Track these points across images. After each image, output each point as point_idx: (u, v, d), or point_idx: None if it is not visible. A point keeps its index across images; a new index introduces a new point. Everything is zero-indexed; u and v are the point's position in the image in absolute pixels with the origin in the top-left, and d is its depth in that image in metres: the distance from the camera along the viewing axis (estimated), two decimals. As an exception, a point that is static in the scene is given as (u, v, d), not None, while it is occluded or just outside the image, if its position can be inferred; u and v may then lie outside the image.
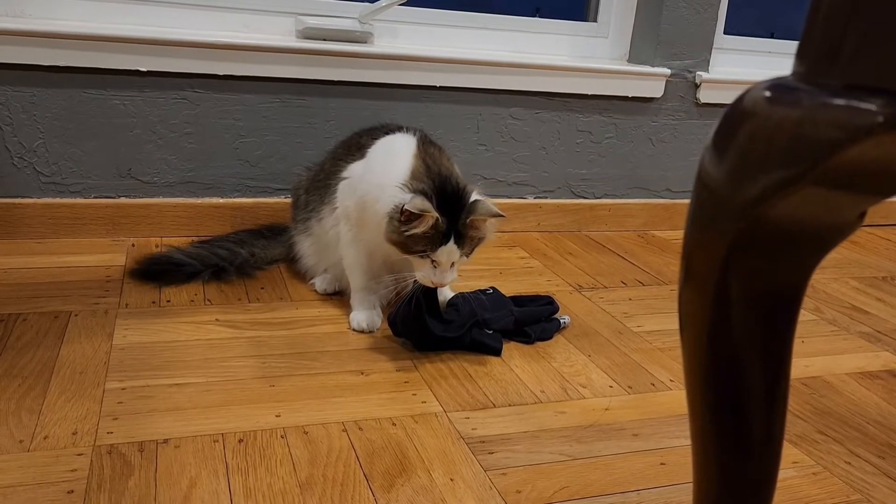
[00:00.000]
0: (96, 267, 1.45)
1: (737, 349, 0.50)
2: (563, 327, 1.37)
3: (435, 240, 1.13)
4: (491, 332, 1.27)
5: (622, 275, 1.70)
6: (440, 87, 1.80)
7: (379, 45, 1.78)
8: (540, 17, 1.97)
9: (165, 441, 0.93)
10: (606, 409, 1.11)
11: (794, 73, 0.48)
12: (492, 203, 1.19)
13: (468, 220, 1.14)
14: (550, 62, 1.88)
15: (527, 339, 1.31)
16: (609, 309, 1.50)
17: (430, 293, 1.20)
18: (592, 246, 1.89)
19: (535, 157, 1.93)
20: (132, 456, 0.90)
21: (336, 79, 1.71)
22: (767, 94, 0.49)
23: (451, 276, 1.18)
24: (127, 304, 1.31)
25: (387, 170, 1.21)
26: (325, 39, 1.73)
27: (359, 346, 1.24)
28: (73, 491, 0.83)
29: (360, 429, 1.00)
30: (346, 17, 1.76)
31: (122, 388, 1.04)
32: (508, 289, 1.54)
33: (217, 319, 1.28)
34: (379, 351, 1.23)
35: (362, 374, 1.15)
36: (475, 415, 1.06)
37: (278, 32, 1.74)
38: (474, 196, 1.18)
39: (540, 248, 1.84)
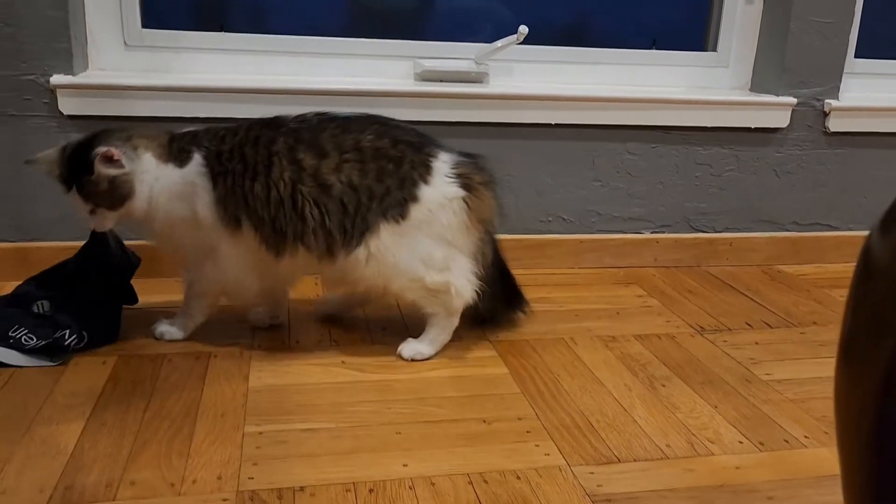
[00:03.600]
0: (228, 306, 1.54)
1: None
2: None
3: (63, 185, 1.23)
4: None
5: (747, 315, 1.64)
6: (555, 124, 1.80)
7: (494, 85, 1.81)
8: (656, 48, 1.94)
9: (302, 489, 0.98)
10: (737, 468, 1.08)
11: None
12: (114, 150, 1.20)
13: (82, 177, 1.21)
14: (668, 95, 1.85)
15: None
16: (734, 354, 1.45)
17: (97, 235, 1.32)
18: (713, 283, 1.84)
19: (652, 192, 1.90)
20: (272, 503, 0.94)
21: (453, 120, 1.75)
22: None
23: (96, 221, 1.25)
24: (259, 345, 1.38)
25: None
26: (442, 81, 1.77)
27: (480, 391, 1.26)
28: (221, 537, 0.88)
29: (485, 482, 1.01)
30: (463, 59, 1.80)
31: (260, 433, 1.10)
32: (625, 331, 1.52)
33: (343, 362, 1.33)
34: (500, 398, 1.24)
35: (485, 422, 1.16)
36: (599, 470, 1.06)
37: (398, 76, 1.79)
38: (101, 148, 1.20)
39: (657, 286, 1.80)
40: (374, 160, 1.24)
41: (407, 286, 1.30)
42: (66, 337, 1.27)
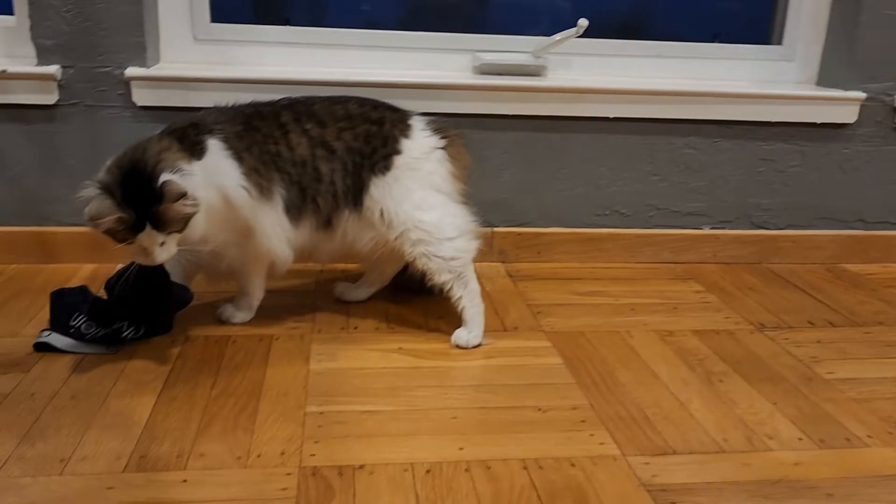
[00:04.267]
0: (290, 291, 1.59)
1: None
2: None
3: (130, 230, 1.15)
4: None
5: (809, 313, 1.61)
6: (613, 118, 1.79)
7: (552, 79, 1.81)
8: (719, 42, 1.91)
9: (361, 467, 1.00)
10: (796, 464, 1.06)
11: None
12: (179, 180, 1.16)
13: (157, 209, 1.14)
14: (731, 89, 1.82)
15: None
16: (795, 352, 1.42)
17: (156, 270, 1.25)
18: (774, 280, 1.80)
19: (713, 187, 1.87)
20: (333, 479, 0.98)
21: (511, 113, 1.76)
22: None
23: (165, 254, 1.19)
24: (320, 330, 1.42)
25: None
26: (500, 74, 1.78)
27: (534, 380, 1.27)
28: (284, 509, 0.92)
29: (539, 468, 1.02)
30: (522, 52, 1.80)
31: (321, 413, 1.13)
32: (683, 325, 1.51)
33: (401, 348, 1.36)
34: (554, 387, 1.25)
35: (539, 410, 1.17)
36: (655, 460, 1.05)
37: (456, 69, 1.81)
38: (164, 177, 1.15)
39: (716, 282, 1.78)
40: (362, 124, 1.36)
41: (405, 236, 1.35)
42: (125, 329, 1.31)
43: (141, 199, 1.15)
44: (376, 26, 1.79)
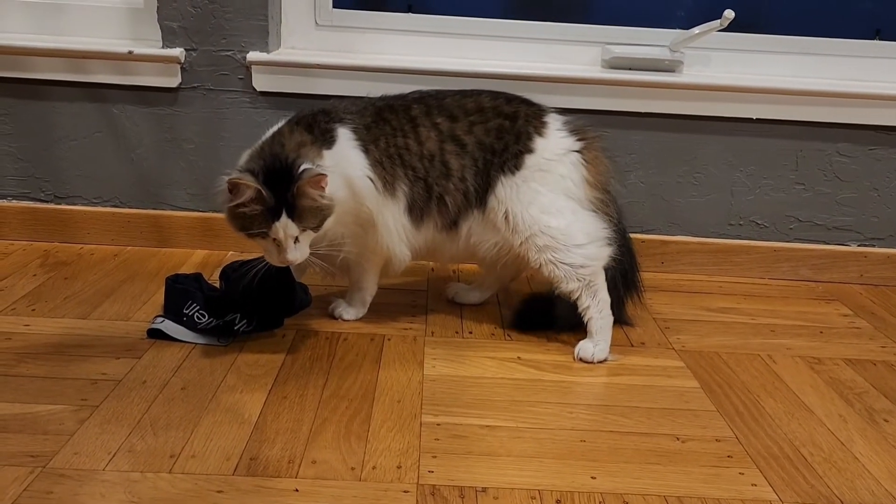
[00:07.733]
0: (402, 290, 1.52)
1: None
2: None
3: (267, 216, 1.10)
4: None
5: (981, 348, 1.41)
6: (756, 119, 1.64)
7: (689, 75, 1.67)
8: (880, 39, 1.72)
9: (484, 490, 0.91)
10: None
11: None
12: (319, 168, 1.12)
13: (294, 190, 1.09)
14: (891, 91, 1.63)
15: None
16: (971, 392, 1.24)
17: (283, 272, 1.20)
18: (934, 307, 1.61)
19: (864, 200, 1.69)
20: (454, 501, 0.89)
21: (641, 110, 1.64)
22: None
23: (298, 253, 1.13)
24: (433, 332, 1.34)
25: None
26: (631, 69, 1.66)
27: (669, 404, 1.15)
28: (403, 531, 0.83)
29: (684, 507, 0.91)
30: (656, 46, 1.67)
31: (437, 424, 1.05)
32: (832, 352, 1.35)
33: (519, 358, 1.26)
34: (692, 414, 1.12)
35: (678, 439, 1.05)
36: (819, 511, 0.92)
37: (584, 62, 1.70)
38: (303, 167, 1.12)
39: (865, 305, 1.59)
40: (494, 118, 1.28)
41: (531, 241, 1.25)
42: (237, 321, 1.26)
43: (280, 187, 1.10)
44: (482, 15, 1.70)
